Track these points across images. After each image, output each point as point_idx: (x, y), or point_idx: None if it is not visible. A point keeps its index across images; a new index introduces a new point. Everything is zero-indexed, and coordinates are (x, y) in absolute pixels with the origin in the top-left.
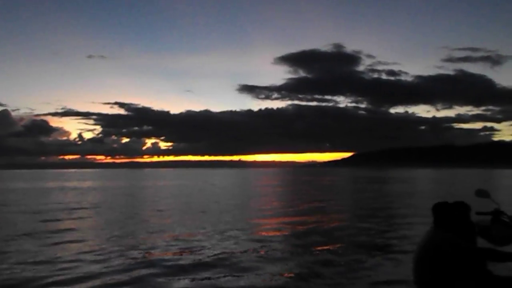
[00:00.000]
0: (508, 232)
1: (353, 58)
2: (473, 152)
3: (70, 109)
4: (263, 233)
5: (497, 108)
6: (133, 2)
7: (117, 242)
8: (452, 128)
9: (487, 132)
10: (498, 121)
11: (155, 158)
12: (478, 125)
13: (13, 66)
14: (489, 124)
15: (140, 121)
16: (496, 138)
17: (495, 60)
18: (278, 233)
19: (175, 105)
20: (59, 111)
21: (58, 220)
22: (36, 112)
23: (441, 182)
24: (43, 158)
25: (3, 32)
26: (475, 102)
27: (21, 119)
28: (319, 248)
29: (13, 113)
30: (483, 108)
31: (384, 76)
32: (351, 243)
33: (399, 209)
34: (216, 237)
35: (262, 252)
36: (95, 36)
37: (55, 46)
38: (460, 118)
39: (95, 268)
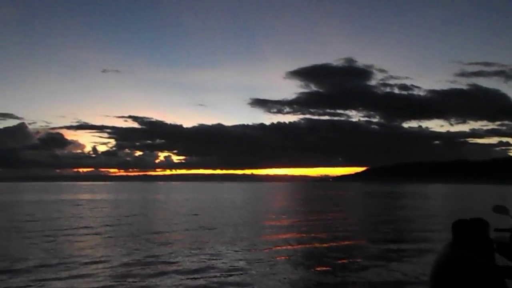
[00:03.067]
0: None
1: (365, 73)
2: (488, 168)
3: (84, 122)
4: (270, 249)
5: None
6: (147, 18)
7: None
8: (467, 143)
9: (503, 147)
10: None
11: (168, 172)
12: (493, 140)
13: (29, 80)
14: (504, 139)
15: (153, 134)
16: None
17: (509, 74)
18: (285, 249)
19: (188, 119)
20: (74, 124)
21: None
22: (52, 126)
23: (456, 198)
24: (58, 170)
25: (20, 47)
26: (490, 117)
27: (37, 132)
28: (327, 267)
29: (29, 127)
30: (498, 123)
31: (396, 91)
32: (360, 259)
33: (412, 224)
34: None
35: (268, 269)
36: (109, 51)
37: (71, 61)
38: (474, 133)
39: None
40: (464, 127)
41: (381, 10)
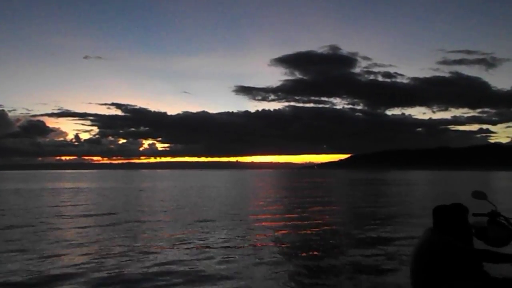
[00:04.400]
0: (505, 234)
1: (349, 60)
2: (469, 154)
3: (66, 109)
4: (258, 237)
5: (492, 111)
6: (130, 3)
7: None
8: (448, 130)
9: (483, 134)
10: (494, 123)
11: (152, 159)
12: (474, 127)
13: (9, 67)
14: (485, 126)
15: (137, 122)
16: (492, 140)
17: (490, 62)
18: (271, 236)
19: (172, 106)
20: (56, 111)
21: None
22: (32, 113)
23: (437, 184)
24: (40, 159)
25: (0, 33)
26: (471, 104)
27: (18, 119)
28: (313, 253)
29: (9, 114)
30: (479, 110)
31: (380, 78)
32: (345, 245)
33: (395, 210)
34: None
35: (254, 258)
36: (91, 37)
37: (52, 47)
38: (456, 121)
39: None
40: (446, 115)
41: None
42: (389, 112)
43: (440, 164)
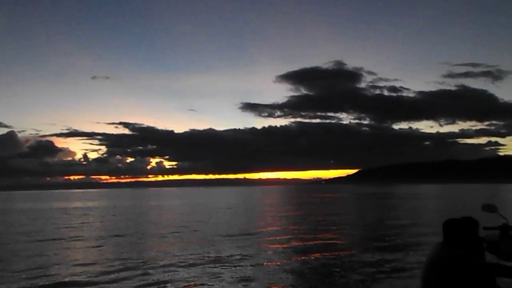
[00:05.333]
0: None
1: (354, 75)
2: (478, 167)
3: (75, 129)
4: (266, 257)
5: (500, 123)
6: (137, 24)
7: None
8: (457, 143)
9: (492, 147)
10: (503, 135)
11: (160, 177)
12: (482, 140)
13: (18, 88)
14: (493, 139)
15: (145, 140)
16: (501, 152)
17: (495, 75)
18: (282, 256)
19: (179, 124)
20: (64, 131)
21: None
22: (41, 133)
23: (446, 198)
24: (48, 178)
25: (9, 54)
26: (478, 117)
27: (27, 140)
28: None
29: (19, 135)
30: (487, 123)
31: (386, 92)
32: (356, 260)
33: (405, 223)
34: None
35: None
36: (99, 58)
37: (60, 68)
38: (464, 133)
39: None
40: (454, 128)
41: (370, 14)
42: (396, 126)
43: (449, 178)
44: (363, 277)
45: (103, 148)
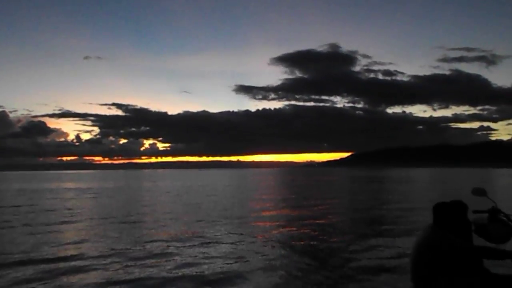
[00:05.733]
0: (505, 230)
1: (349, 58)
2: (470, 152)
3: (67, 110)
4: (258, 237)
5: (493, 108)
6: (129, 3)
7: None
8: (449, 127)
9: (484, 132)
10: (495, 120)
11: (153, 159)
12: (475, 125)
13: (10, 68)
14: (485, 124)
15: (138, 122)
16: (493, 137)
17: (490, 60)
18: (275, 239)
19: (173, 106)
20: (57, 112)
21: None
22: (33, 114)
23: (438, 181)
24: (41, 159)
25: (0, 34)
26: (471, 102)
27: (19, 120)
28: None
29: (10, 115)
30: (480, 107)
31: (380, 76)
32: (347, 241)
33: (396, 207)
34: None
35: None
36: (91, 37)
37: (52, 48)
38: (457, 118)
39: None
40: (447, 112)
41: None
42: (389, 110)
43: (441, 162)
44: (353, 262)
45: (96, 129)
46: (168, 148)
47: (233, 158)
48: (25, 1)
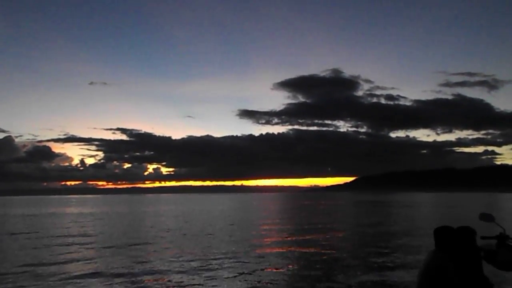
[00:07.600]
0: None
1: (352, 83)
2: (475, 176)
3: (72, 135)
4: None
5: (497, 132)
6: (134, 29)
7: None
8: (453, 152)
9: (489, 156)
10: (499, 144)
11: (157, 184)
12: (479, 149)
13: (16, 93)
14: (490, 148)
15: (142, 146)
16: (498, 161)
17: (492, 84)
18: (279, 262)
19: (176, 130)
20: (62, 137)
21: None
22: (39, 138)
23: (443, 206)
24: (45, 184)
25: (6, 59)
26: (475, 126)
27: (24, 145)
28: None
29: (16, 140)
30: (483, 132)
31: (383, 101)
32: (352, 267)
33: (401, 231)
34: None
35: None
36: (96, 63)
37: (57, 73)
38: (460, 142)
39: None
40: (450, 136)
41: (367, 22)
42: (393, 135)
43: (445, 186)
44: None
45: (100, 154)
46: (172, 173)
47: (237, 183)
48: (31, 27)
